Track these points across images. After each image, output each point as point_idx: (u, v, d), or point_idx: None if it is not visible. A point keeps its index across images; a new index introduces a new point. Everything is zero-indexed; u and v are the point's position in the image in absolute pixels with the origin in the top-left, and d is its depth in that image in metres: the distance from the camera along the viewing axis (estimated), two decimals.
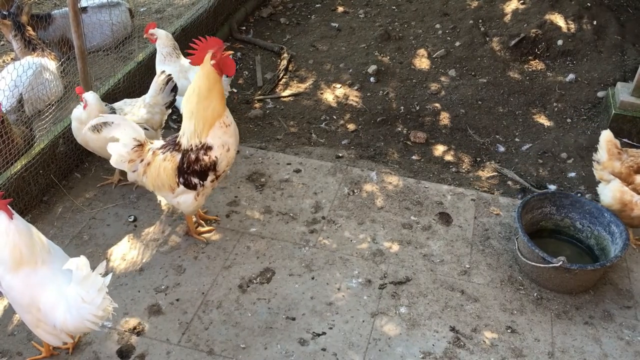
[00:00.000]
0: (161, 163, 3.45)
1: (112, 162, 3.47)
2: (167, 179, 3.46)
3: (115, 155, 3.43)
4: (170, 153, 3.45)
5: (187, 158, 3.40)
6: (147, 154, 3.47)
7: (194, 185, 3.47)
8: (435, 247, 3.86)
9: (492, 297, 3.55)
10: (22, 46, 4.79)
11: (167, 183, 3.47)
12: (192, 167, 3.40)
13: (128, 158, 3.43)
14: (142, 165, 3.47)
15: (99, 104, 3.74)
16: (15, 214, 2.79)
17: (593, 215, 3.82)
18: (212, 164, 3.41)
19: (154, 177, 3.48)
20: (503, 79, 5.53)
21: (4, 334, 3.23)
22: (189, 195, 3.53)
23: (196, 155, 3.38)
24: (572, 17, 5.84)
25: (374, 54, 5.87)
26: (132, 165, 3.46)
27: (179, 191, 3.51)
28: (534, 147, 4.87)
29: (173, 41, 4.49)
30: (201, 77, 3.30)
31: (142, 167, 3.47)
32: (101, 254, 3.70)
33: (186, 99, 3.37)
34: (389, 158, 4.73)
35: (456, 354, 3.23)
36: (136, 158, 3.45)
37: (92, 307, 2.65)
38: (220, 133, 3.39)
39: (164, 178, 3.46)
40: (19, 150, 3.80)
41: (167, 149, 3.48)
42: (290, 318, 3.38)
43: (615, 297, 3.60)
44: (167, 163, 3.44)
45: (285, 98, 5.40)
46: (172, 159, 3.44)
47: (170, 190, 3.51)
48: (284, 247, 3.82)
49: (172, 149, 3.46)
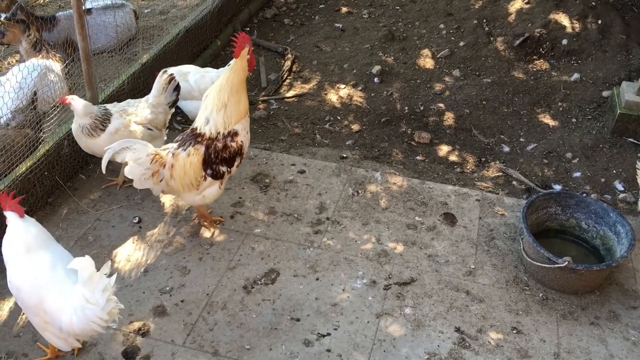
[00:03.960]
0: (186, 159, 3.43)
1: (137, 185, 3.43)
2: (194, 174, 3.45)
3: (137, 177, 3.38)
4: (192, 147, 3.44)
5: (214, 147, 3.42)
6: (167, 157, 3.45)
7: (222, 174, 3.50)
8: (440, 247, 3.86)
9: (497, 298, 3.54)
10: (31, 47, 4.79)
11: (194, 178, 3.46)
12: (221, 155, 3.44)
13: (150, 173, 3.40)
14: (166, 170, 3.43)
15: (85, 107, 3.78)
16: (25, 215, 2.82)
17: (599, 215, 3.80)
18: (239, 148, 3.50)
19: (181, 177, 3.45)
20: (507, 79, 5.52)
21: (10, 335, 3.24)
22: (214, 186, 3.56)
23: (224, 142, 3.44)
24: (577, 17, 5.82)
25: (377, 55, 5.87)
26: (157, 176, 3.43)
27: (205, 184, 3.51)
28: (539, 147, 4.85)
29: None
30: (236, 70, 3.40)
31: (168, 171, 3.44)
32: (106, 255, 3.71)
33: (217, 92, 3.42)
34: (393, 158, 4.73)
35: (461, 354, 3.22)
36: (159, 167, 3.42)
37: (96, 308, 2.65)
38: (244, 120, 3.52)
39: (191, 174, 3.45)
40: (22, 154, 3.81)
41: (187, 144, 3.46)
42: (294, 319, 3.38)
43: (621, 297, 3.58)
44: (192, 157, 3.43)
45: (289, 99, 5.40)
46: (196, 152, 3.43)
47: (196, 186, 3.50)
48: (289, 248, 3.82)
49: (193, 142, 3.45)
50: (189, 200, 3.65)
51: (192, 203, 3.68)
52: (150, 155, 3.40)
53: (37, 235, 2.85)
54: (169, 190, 3.55)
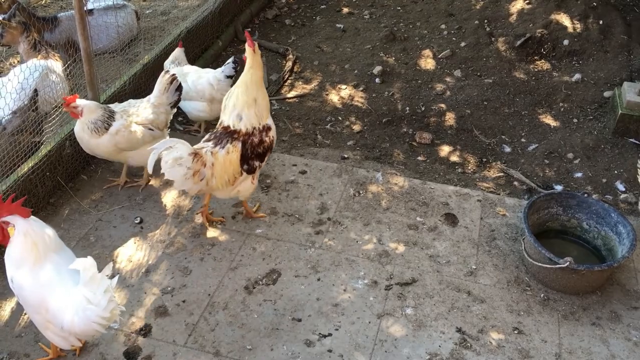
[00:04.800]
0: (225, 157, 3.49)
1: (178, 186, 3.45)
2: (233, 170, 3.53)
3: (179, 177, 3.38)
4: (231, 144, 3.50)
5: (250, 143, 3.53)
6: (207, 156, 3.47)
7: (254, 169, 3.62)
8: (441, 248, 3.86)
9: (498, 298, 3.54)
10: (30, 47, 4.80)
11: (233, 174, 3.54)
12: (256, 150, 3.55)
13: (191, 173, 3.40)
14: (208, 169, 3.46)
15: (95, 106, 3.81)
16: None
17: (600, 215, 3.80)
18: (271, 143, 3.66)
19: (221, 174, 3.50)
20: (509, 79, 5.52)
21: (12, 335, 3.24)
22: (247, 181, 3.65)
23: (259, 137, 3.56)
24: (578, 17, 5.82)
25: (379, 55, 5.87)
26: (198, 175, 3.44)
27: (240, 179, 3.59)
28: (540, 148, 4.85)
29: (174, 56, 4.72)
30: (256, 66, 3.49)
31: (209, 170, 3.46)
32: (107, 255, 3.71)
33: (244, 89, 3.50)
34: (394, 159, 4.73)
35: (463, 355, 3.22)
36: (200, 167, 3.43)
37: (98, 309, 2.66)
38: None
39: (230, 171, 3.52)
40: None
41: (224, 142, 3.50)
42: (296, 319, 3.38)
43: (623, 297, 3.58)
44: (232, 155, 3.50)
45: (290, 99, 5.40)
46: (234, 149, 3.50)
47: (232, 182, 3.57)
48: (290, 248, 3.82)
49: (230, 140, 3.50)
50: (225, 196, 3.72)
51: (230, 196, 3.73)
52: (191, 154, 3.40)
53: (53, 237, 2.87)
54: (207, 189, 3.58)
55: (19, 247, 2.79)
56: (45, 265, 2.80)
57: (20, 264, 2.79)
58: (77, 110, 3.79)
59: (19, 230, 2.78)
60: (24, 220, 2.80)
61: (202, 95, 4.54)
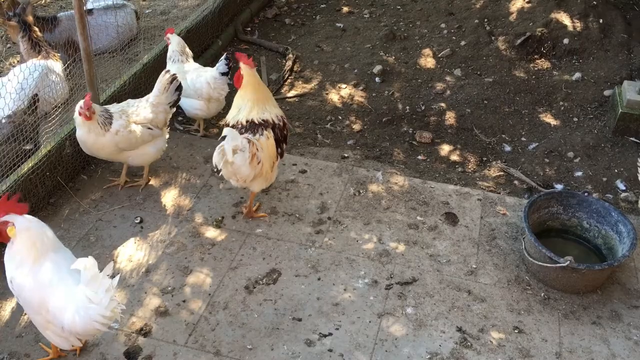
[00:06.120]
0: (267, 142, 3.75)
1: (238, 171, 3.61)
2: (272, 155, 3.81)
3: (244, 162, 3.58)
4: (266, 132, 3.77)
5: (279, 128, 3.85)
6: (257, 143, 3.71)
7: (283, 152, 3.94)
8: (442, 247, 3.85)
9: (499, 297, 3.54)
10: (29, 47, 4.80)
11: (272, 159, 3.82)
12: (283, 133, 3.89)
13: (250, 157, 3.60)
14: (260, 152, 3.69)
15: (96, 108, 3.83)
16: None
17: (600, 214, 3.80)
18: (288, 129, 3.99)
19: (267, 159, 3.75)
20: (509, 78, 5.52)
21: (12, 335, 3.24)
22: (275, 167, 3.93)
23: (282, 122, 3.90)
24: (578, 16, 5.82)
25: (379, 54, 5.87)
26: (255, 159, 3.63)
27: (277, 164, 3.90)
28: (541, 147, 4.85)
29: (183, 47, 4.70)
30: (251, 74, 3.84)
31: (262, 152, 3.71)
32: (108, 255, 3.71)
33: (255, 89, 3.83)
34: (394, 158, 4.73)
35: (463, 354, 3.22)
36: (255, 150, 3.64)
37: (99, 307, 2.66)
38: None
39: (273, 154, 3.81)
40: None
41: (260, 131, 3.76)
42: (296, 319, 3.38)
43: (623, 296, 3.58)
44: (270, 140, 3.78)
45: (290, 99, 5.40)
46: (270, 136, 3.79)
47: (272, 167, 3.84)
48: (290, 247, 3.82)
49: (263, 129, 3.77)
50: (262, 186, 3.88)
51: (264, 186, 3.91)
52: (244, 138, 3.61)
53: (51, 237, 2.87)
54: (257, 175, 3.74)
55: (18, 246, 2.78)
56: (44, 265, 2.80)
57: (20, 264, 2.79)
58: (90, 112, 3.77)
59: (19, 229, 2.78)
60: (23, 219, 2.80)
61: (200, 94, 4.56)
